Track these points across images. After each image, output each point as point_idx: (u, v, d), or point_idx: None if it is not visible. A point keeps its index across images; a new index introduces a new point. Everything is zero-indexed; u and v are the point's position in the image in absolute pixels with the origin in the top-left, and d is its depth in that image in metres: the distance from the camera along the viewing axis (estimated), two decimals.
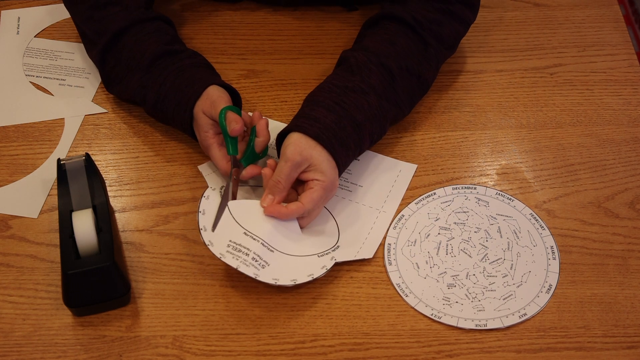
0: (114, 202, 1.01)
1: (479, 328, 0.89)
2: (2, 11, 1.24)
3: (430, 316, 0.90)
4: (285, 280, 0.90)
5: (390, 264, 0.95)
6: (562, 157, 1.06)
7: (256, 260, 0.90)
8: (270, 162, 0.96)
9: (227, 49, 1.18)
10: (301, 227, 0.96)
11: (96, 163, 0.98)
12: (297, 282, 0.90)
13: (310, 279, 0.91)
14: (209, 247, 0.90)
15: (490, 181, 1.03)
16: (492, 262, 0.95)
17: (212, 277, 0.94)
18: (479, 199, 1.00)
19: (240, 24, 1.22)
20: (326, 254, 0.94)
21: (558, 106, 1.12)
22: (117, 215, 1.00)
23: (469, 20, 1.10)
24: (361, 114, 0.97)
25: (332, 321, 0.91)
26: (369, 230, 0.97)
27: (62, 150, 1.07)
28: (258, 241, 0.91)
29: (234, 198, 0.96)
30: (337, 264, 0.94)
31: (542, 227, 0.98)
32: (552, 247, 0.96)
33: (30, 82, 1.15)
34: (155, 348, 0.89)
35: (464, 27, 1.10)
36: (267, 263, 0.90)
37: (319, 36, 1.20)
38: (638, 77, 1.15)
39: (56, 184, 0.97)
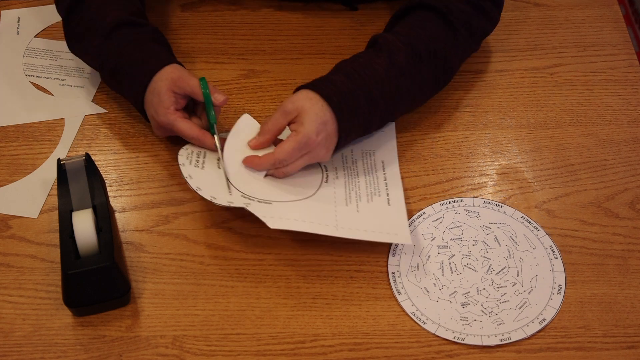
0: (114, 202, 1.01)
1: (505, 342, 0.88)
2: (2, 11, 1.24)
3: (453, 339, 0.88)
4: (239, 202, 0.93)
5: (399, 293, 0.93)
6: (562, 157, 1.06)
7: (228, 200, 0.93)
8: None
9: (227, 49, 1.18)
10: (278, 177, 0.97)
11: (96, 163, 0.98)
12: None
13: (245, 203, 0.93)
14: (187, 180, 0.95)
15: (490, 181, 1.03)
16: (498, 273, 0.94)
17: (212, 277, 0.94)
18: (469, 211, 1.00)
19: (240, 24, 1.22)
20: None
21: (558, 106, 1.12)
22: (117, 215, 1.00)
23: (495, 20, 1.11)
24: (377, 88, 0.98)
25: (332, 321, 0.91)
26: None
27: (62, 150, 1.07)
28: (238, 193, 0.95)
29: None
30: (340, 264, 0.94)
31: (536, 228, 0.98)
32: (551, 246, 0.96)
33: (30, 82, 1.15)
34: (155, 348, 0.89)
35: (491, 26, 1.11)
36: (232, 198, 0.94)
37: (319, 36, 1.20)
38: (638, 77, 1.15)
39: (56, 184, 0.97)
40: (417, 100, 1.06)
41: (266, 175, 0.97)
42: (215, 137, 0.98)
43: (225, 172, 0.96)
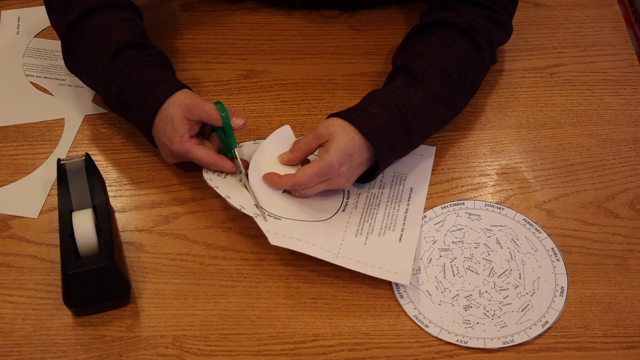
0: (114, 202, 1.01)
1: (507, 345, 0.88)
2: (2, 11, 1.24)
3: (456, 342, 0.88)
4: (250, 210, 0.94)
5: (401, 297, 0.92)
6: (562, 157, 1.06)
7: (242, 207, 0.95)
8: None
9: (227, 49, 1.18)
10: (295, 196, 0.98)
11: (96, 163, 0.98)
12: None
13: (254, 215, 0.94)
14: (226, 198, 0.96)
15: (490, 181, 1.03)
16: (500, 275, 0.94)
17: (212, 277, 0.94)
18: (470, 214, 1.00)
19: (240, 24, 1.22)
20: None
21: (558, 106, 1.12)
22: (117, 215, 1.00)
23: (510, 30, 1.11)
24: (416, 121, 0.97)
25: (332, 321, 0.91)
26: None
27: (62, 150, 1.07)
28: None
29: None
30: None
31: (537, 230, 0.98)
32: (552, 248, 0.96)
33: (30, 82, 1.15)
34: (155, 348, 0.89)
35: (507, 37, 1.11)
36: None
37: (319, 36, 1.20)
38: (638, 77, 1.15)
39: (56, 184, 0.97)
40: (449, 122, 1.06)
41: (284, 191, 0.97)
42: (238, 160, 0.98)
43: (251, 191, 0.96)
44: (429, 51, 1.02)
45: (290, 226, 0.93)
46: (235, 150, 0.98)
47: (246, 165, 0.99)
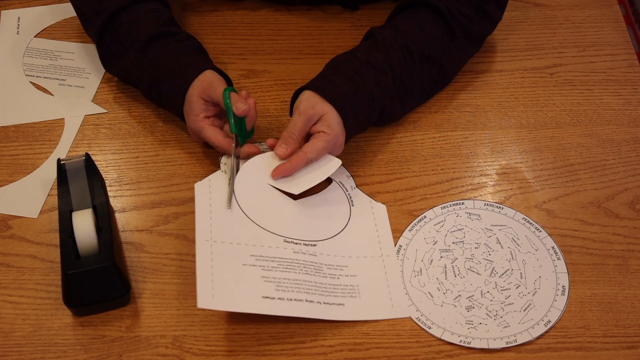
0: (114, 202, 1.01)
1: (510, 345, 0.88)
2: (2, 11, 1.24)
3: (460, 343, 0.88)
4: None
5: None
6: (562, 157, 1.06)
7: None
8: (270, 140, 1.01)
9: (227, 49, 1.18)
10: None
11: (96, 163, 0.98)
12: None
13: None
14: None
15: (490, 181, 1.03)
16: (501, 275, 0.94)
17: None
18: (470, 214, 1.00)
19: (240, 24, 1.22)
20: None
21: (558, 106, 1.12)
22: (117, 215, 1.00)
23: (497, 20, 1.13)
24: (378, 88, 1.01)
25: (332, 321, 0.91)
26: (387, 282, 0.93)
27: (62, 150, 1.07)
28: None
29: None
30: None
31: (538, 229, 0.98)
32: (553, 247, 0.96)
33: (30, 82, 1.15)
34: (155, 348, 0.89)
35: (493, 26, 1.13)
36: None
37: (319, 36, 1.20)
38: (638, 77, 1.15)
39: (56, 184, 0.97)
40: (411, 101, 1.07)
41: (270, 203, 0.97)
42: (234, 145, 0.98)
43: (232, 182, 0.96)
44: (402, 26, 1.05)
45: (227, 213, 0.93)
46: (235, 135, 0.98)
47: (250, 151, 0.99)
